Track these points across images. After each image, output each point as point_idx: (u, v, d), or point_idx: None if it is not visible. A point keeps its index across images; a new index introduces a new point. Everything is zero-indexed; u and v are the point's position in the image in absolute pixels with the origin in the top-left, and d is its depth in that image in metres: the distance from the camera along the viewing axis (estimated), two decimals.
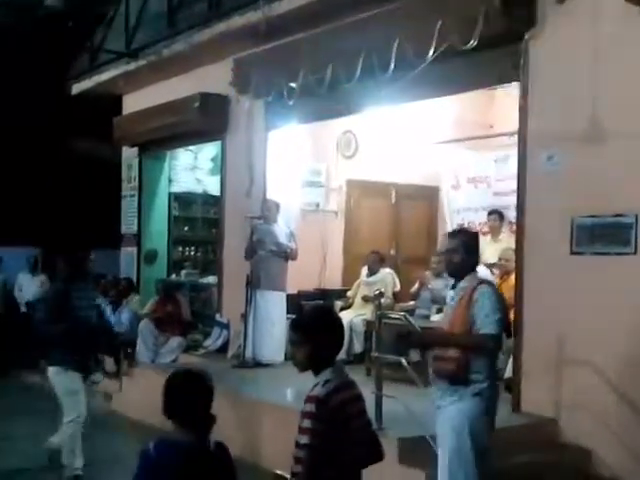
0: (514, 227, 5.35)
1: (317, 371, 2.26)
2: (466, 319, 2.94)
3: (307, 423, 2.13)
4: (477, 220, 7.06)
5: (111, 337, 6.97)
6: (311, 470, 2.12)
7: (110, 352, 7.51)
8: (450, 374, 2.94)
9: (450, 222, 7.43)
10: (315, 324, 2.32)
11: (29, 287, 9.50)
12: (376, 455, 2.34)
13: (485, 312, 2.92)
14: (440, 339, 3.11)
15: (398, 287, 6.61)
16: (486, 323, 2.91)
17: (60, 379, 4.46)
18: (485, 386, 2.96)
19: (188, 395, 2.19)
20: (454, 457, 2.96)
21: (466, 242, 3.13)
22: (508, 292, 5.22)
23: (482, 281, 3.07)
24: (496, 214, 6.37)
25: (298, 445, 2.14)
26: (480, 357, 2.96)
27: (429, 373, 3.18)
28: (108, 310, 8.11)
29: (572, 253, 4.46)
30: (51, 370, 4.51)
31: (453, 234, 3.30)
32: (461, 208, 7.31)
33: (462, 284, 3.06)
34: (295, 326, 2.35)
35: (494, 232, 6.40)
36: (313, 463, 2.12)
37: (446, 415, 2.99)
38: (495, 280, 5.52)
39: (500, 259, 5.73)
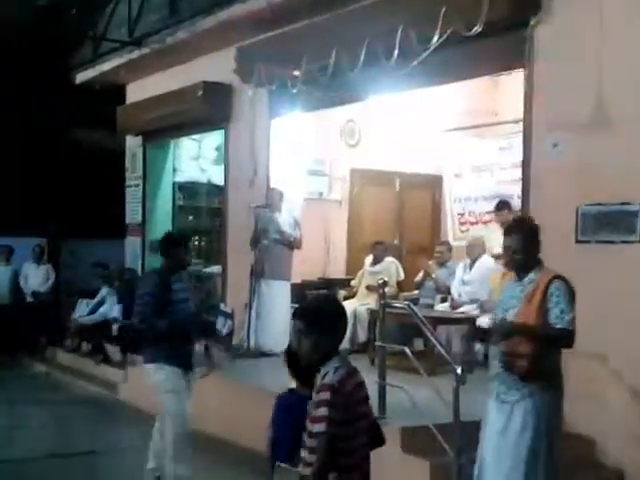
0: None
1: (322, 361, 2.26)
2: (540, 312, 2.90)
3: (323, 411, 2.12)
4: (478, 210, 7.03)
5: (208, 330, 6.58)
6: (327, 458, 2.12)
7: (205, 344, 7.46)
8: (523, 370, 2.89)
9: (450, 211, 7.40)
10: (321, 313, 2.31)
11: (35, 277, 9.55)
12: (379, 439, 2.36)
13: (561, 308, 2.89)
14: (524, 330, 2.95)
15: (402, 276, 6.60)
16: (562, 319, 2.89)
17: (162, 377, 4.01)
18: (557, 383, 2.95)
19: None
20: (531, 457, 2.91)
21: (525, 236, 3.02)
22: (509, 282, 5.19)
23: (557, 275, 2.99)
24: (506, 209, 5.78)
25: (312, 435, 2.14)
26: (552, 353, 2.93)
27: (491, 366, 3.06)
28: (113, 300, 8.17)
29: (577, 242, 4.43)
30: (151, 367, 4.07)
31: (509, 229, 3.12)
32: (463, 197, 7.28)
33: (531, 276, 2.99)
34: (300, 315, 2.34)
35: (505, 224, 6.18)
36: (329, 451, 2.12)
37: (518, 411, 2.93)
38: (500, 270, 5.50)
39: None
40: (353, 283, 6.83)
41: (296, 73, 5.84)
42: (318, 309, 2.35)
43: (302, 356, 2.30)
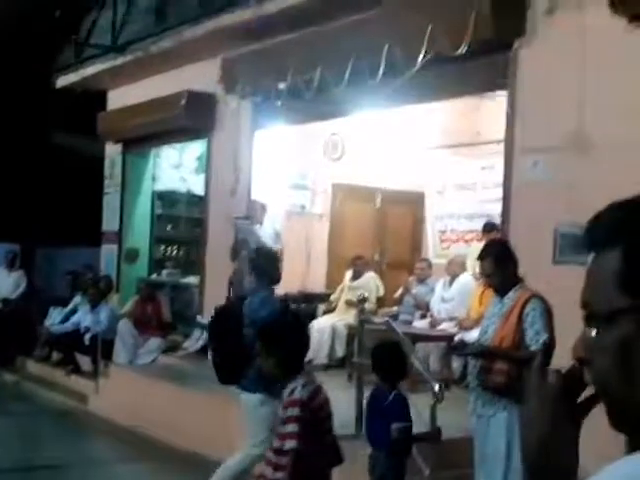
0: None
1: (287, 376, 2.24)
2: (517, 330, 2.93)
3: (292, 427, 2.10)
4: (460, 228, 7.08)
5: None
6: (295, 475, 2.09)
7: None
8: (499, 386, 2.93)
9: (432, 228, 7.43)
10: (283, 331, 2.31)
11: (5, 284, 9.32)
12: (339, 458, 2.37)
13: (536, 329, 2.92)
14: (498, 353, 3.03)
15: (382, 292, 6.60)
16: (537, 341, 2.91)
17: (269, 410, 3.44)
18: None
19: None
20: (507, 468, 2.95)
21: (497, 258, 3.07)
22: (491, 300, 5.21)
23: (534, 294, 3.02)
24: (494, 230, 5.61)
25: (280, 452, 2.11)
26: (528, 370, 2.94)
27: (469, 382, 3.15)
28: (85, 309, 8.02)
29: (555, 262, 4.47)
30: (256, 398, 3.62)
31: (481, 255, 3.18)
32: (445, 214, 7.33)
33: (510, 294, 3.03)
34: (261, 336, 2.34)
35: None
36: (297, 468, 2.09)
37: (495, 426, 2.96)
38: (479, 287, 5.53)
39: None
40: (332, 297, 6.80)
41: (281, 86, 5.84)
42: (279, 328, 2.35)
43: (267, 374, 2.30)
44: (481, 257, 3.18)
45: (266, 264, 3.91)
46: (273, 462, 2.14)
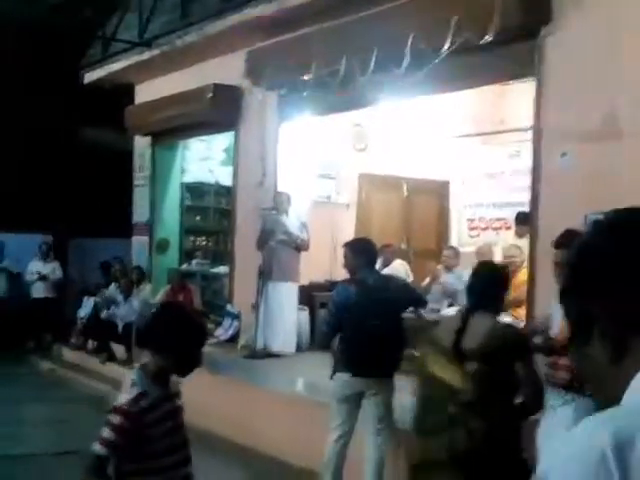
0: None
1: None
2: None
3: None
4: (489, 216, 7.06)
5: None
6: None
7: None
8: (564, 382, 2.95)
9: (458, 217, 7.43)
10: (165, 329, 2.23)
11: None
12: None
13: None
14: (558, 347, 3.00)
15: (411, 279, 6.64)
16: None
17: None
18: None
19: None
20: None
21: None
22: (518, 289, 5.23)
23: None
24: (528, 222, 5.16)
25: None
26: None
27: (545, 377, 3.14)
28: (119, 298, 8.23)
29: None
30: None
31: (558, 244, 3.04)
32: (473, 203, 7.32)
33: None
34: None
35: (524, 234, 5.73)
36: None
37: (562, 414, 2.97)
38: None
39: (504, 257, 5.70)
40: None
41: (306, 77, 5.88)
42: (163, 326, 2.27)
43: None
44: (558, 245, 3.07)
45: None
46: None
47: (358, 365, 3.68)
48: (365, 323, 3.64)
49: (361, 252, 3.88)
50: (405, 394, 3.85)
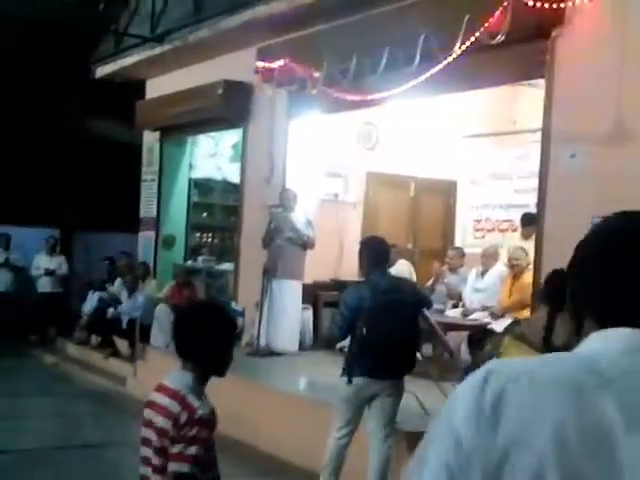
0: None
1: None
2: None
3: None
4: (495, 217, 7.03)
5: None
6: None
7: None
8: None
9: (464, 217, 7.40)
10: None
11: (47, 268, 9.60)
12: None
13: None
14: None
15: (414, 279, 6.61)
16: None
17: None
18: None
19: None
20: None
21: None
22: (522, 291, 5.20)
23: None
24: (533, 224, 5.17)
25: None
26: None
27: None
28: (124, 294, 8.23)
29: None
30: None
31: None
32: (480, 204, 7.28)
33: None
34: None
35: (530, 235, 5.65)
36: None
37: None
38: (509, 278, 5.50)
39: (510, 259, 5.64)
40: None
41: (316, 75, 5.87)
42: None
43: None
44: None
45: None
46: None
47: (375, 367, 3.64)
48: (383, 325, 3.59)
49: (375, 252, 3.84)
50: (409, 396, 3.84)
